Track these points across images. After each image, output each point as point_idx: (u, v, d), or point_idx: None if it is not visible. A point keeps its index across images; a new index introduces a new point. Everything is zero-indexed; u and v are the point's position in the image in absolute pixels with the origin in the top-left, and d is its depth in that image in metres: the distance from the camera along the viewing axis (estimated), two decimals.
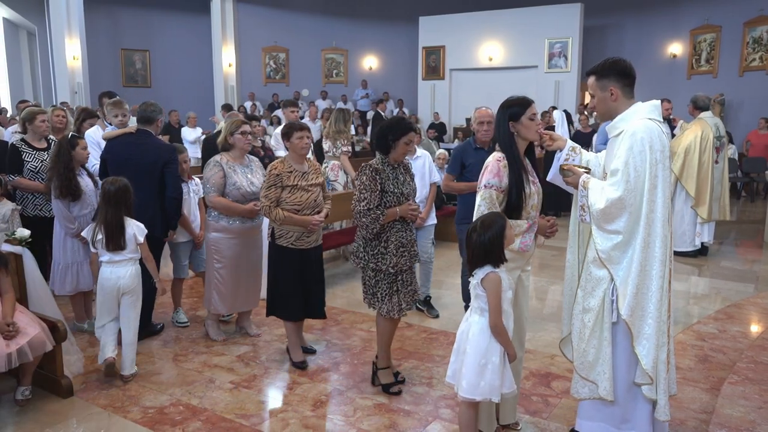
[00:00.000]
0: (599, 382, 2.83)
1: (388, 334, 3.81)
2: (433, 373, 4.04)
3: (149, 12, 17.03)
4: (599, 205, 2.71)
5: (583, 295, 2.87)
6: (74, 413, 3.50)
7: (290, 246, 4.04)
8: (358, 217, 3.54)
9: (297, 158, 4.12)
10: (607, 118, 2.90)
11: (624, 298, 2.71)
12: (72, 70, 14.67)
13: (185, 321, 4.94)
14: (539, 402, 3.64)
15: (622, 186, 2.67)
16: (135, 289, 3.92)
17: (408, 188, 3.71)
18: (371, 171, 3.57)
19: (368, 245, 3.64)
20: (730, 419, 3.20)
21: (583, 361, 2.87)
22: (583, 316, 2.86)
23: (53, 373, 3.66)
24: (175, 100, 15.78)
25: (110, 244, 3.82)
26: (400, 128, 3.60)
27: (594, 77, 2.87)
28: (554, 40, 14.95)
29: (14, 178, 4.89)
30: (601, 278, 2.78)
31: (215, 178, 4.31)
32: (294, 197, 4.01)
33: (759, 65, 13.13)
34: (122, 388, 3.80)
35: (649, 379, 2.73)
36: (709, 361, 4.19)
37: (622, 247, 2.72)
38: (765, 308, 5.35)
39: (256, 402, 3.65)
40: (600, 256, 2.75)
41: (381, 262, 3.60)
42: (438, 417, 3.47)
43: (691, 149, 6.84)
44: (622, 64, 2.83)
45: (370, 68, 18.51)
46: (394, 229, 3.62)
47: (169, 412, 3.50)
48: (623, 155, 2.69)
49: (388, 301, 3.65)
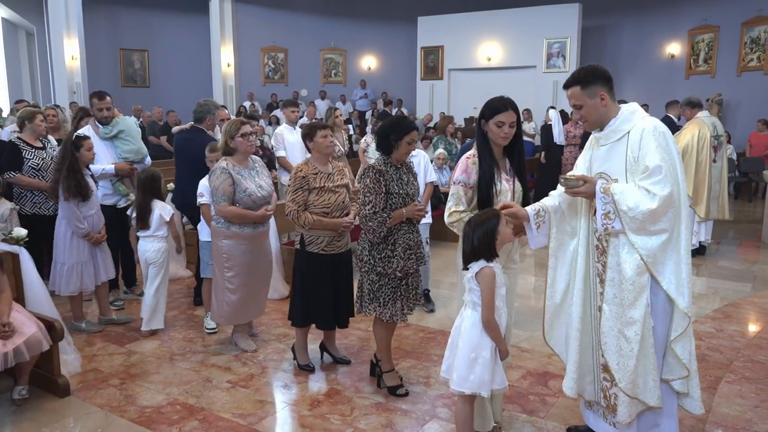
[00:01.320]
0: (648, 393, 2.67)
1: (388, 338, 3.77)
2: (430, 372, 4.04)
3: (148, 12, 17.03)
4: (649, 205, 2.55)
5: (621, 310, 2.67)
6: (71, 412, 3.50)
7: (321, 252, 3.87)
8: (365, 221, 3.46)
9: (321, 159, 3.93)
10: (598, 126, 2.79)
11: (682, 295, 2.59)
12: (71, 70, 14.67)
13: (214, 327, 4.73)
14: (536, 401, 3.64)
15: (668, 182, 2.56)
16: (159, 261, 4.66)
17: (412, 188, 3.64)
18: (374, 173, 3.48)
19: (374, 249, 3.54)
20: (727, 418, 3.20)
21: (634, 380, 2.65)
22: (626, 330, 2.65)
23: (50, 372, 3.66)
24: (173, 100, 15.77)
25: (139, 223, 4.66)
26: (403, 127, 3.52)
27: (578, 87, 2.74)
28: (553, 40, 14.96)
29: (14, 175, 4.90)
30: (644, 285, 2.62)
31: (224, 186, 4.06)
32: (322, 200, 3.84)
33: (757, 65, 13.14)
34: (119, 387, 3.80)
35: (686, 371, 2.66)
36: (707, 360, 4.20)
37: (667, 245, 2.60)
38: (762, 308, 5.36)
39: (254, 401, 3.64)
40: (646, 260, 2.60)
41: (388, 266, 3.50)
42: (435, 416, 3.47)
43: (689, 149, 6.84)
44: (601, 68, 2.78)
45: (369, 68, 18.52)
46: (401, 231, 3.54)
47: (166, 411, 3.50)
48: (656, 152, 2.58)
49: (392, 306, 3.57)
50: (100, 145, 5.12)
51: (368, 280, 3.60)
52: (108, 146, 5.23)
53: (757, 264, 6.90)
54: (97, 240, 4.61)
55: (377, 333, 3.76)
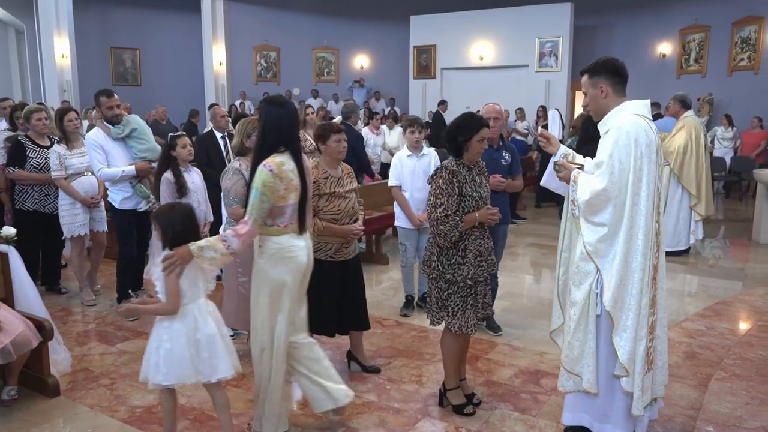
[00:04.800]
0: (583, 375, 2.87)
1: (456, 351, 3.45)
2: (422, 371, 4.04)
3: (139, 10, 16.93)
4: (585, 196, 2.78)
5: (571, 290, 2.90)
6: (61, 413, 3.47)
7: (329, 259, 3.74)
8: (435, 225, 3.24)
9: (332, 162, 3.78)
10: (600, 116, 2.93)
11: (608, 289, 2.74)
12: (61, 68, 14.57)
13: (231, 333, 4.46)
14: (528, 399, 3.64)
15: (606, 177, 2.73)
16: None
17: (485, 191, 3.42)
18: (448, 174, 3.26)
19: (443, 254, 3.31)
20: (717, 415, 3.22)
21: (569, 354, 2.90)
22: (570, 309, 2.90)
23: (40, 372, 3.63)
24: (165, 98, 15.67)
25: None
26: (471, 126, 3.31)
27: (587, 75, 2.93)
28: (545, 39, 14.98)
29: (14, 170, 4.90)
30: (588, 271, 2.82)
31: (237, 188, 3.84)
32: (332, 206, 3.70)
33: (747, 65, 13.20)
34: (109, 387, 3.78)
35: (625, 372, 2.76)
36: (697, 357, 4.22)
37: (608, 240, 2.76)
38: (752, 305, 5.39)
39: (245, 400, 3.63)
40: (587, 249, 2.80)
41: (458, 273, 3.27)
42: (427, 415, 3.46)
43: (688, 148, 6.88)
44: (613, 62, 2.91)
45: (362, 67, 18.49)
46: (472, 237, 3.31)
47: (157, 411, 3.47)
48: (609, 148, 2.75)
49: (461, 316, 3.31)
50: (113, 147, 4.90)
51: (436, 288, 3.37)
52: (121, 147, 4.96)
53: (748, 262, 6.94)
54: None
55: (445, 345, 3.47)
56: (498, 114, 4.52)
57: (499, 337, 4.61)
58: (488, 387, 3.81)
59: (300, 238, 3.07)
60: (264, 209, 2.89)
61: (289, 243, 3.01)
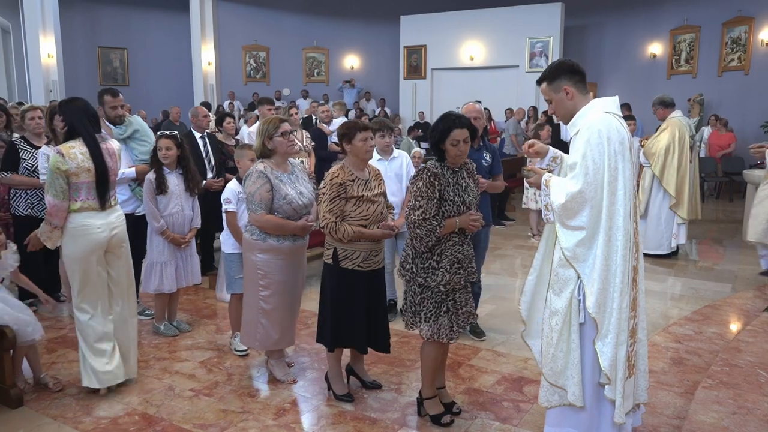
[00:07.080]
0: (568, 388, 2.74)
1: (433, 360, 3.30)
2: (402, 378, 3.92)
3: (127, 9, 16.78)
4: (560, 200, 2.66)
5: (551, 299, 2.78)
6: (23, 424, 3.33)
7: (356, 268, 3.47)
8: (412, 228, 3.10)
9: (358, 164, 3.50)
10: (569, 119, 2.83)
11: (591, 294, 2.63)
12: (47, 67, 14.41)
13: (245, 350, 4.28)
14: (510, 408, 3.53)
15: (581, 179, 2.62)
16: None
17: (470, 195, 3.24)
18: (429, 176, 3.10)
19: (418, 257, 3.18)
20: (703, 426, 3.11)
21: (553, 367, 2.77)
22: (551, 319, 2.77)
23: (2, 382, 3.49)
24: (153, 99, 15.55)
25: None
26: (441, 128, 3.14)
27: (545, 83, 2.85)
28: (535, 39, 14.92)
29: (7, 174, 4.75)
30: (568, 278, 2.71)
31: (262, 192, 3.56)
32: (360, 210, 3.42)
33: (737, 65, 13.18)
34: (76, 396, 3.63)
35: (608, 379, 2.65)
36: (684, 363, 4.11)
37: (587, 243, 2.64)
38: (742, 309, 5.29)
39: (216, 411, 3.49)
40: (565, 254, 2.68)
41: (431, 278, 3.14)
42: (405, 425, 3.34)
43: (670, 150, 6.78)
44: (568, 62, 2.84)
45: (352, 67, 18.38)
46: (450, 242, 3.17)
47: (123, 422, 3.34)
48: (581, 148, 2.64)
49: (433, 323, 3.18)
50: None
51: (410, 292, 3.26)
52: (122, 148, 4.65)
53: (738, 264, 6.86)
54: (174, 240, 4.52)
55: (423, 352, 3.34)
56: (478, 113, 4.40)
57: (483, 343, 4.50)
58: (469, 395, 3.70)
59: (98, 216, 3.52)
60: (57, 185, 3.40)
61: (83, 221, 3.47)
